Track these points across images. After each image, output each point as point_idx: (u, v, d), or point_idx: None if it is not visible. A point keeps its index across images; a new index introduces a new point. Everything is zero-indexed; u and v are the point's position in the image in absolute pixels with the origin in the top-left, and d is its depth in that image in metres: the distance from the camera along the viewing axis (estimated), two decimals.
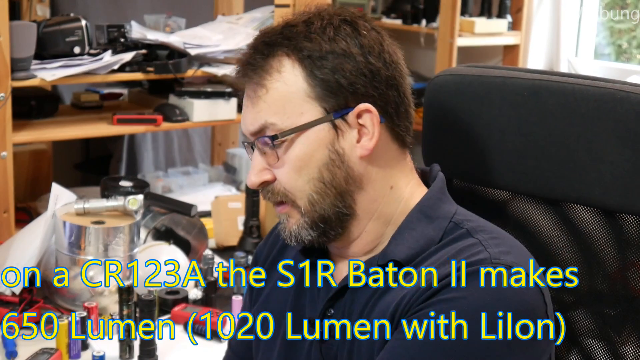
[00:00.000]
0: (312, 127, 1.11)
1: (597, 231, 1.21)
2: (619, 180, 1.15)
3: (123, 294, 1.83)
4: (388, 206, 1.16)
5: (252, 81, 1.12)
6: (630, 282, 1.20)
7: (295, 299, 1.23)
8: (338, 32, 1.12)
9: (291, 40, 1.11)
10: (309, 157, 1.11)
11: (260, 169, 1.15)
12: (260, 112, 1.11)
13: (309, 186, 1.12)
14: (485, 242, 1.09)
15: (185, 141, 3.86)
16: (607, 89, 1.17)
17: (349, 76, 1.10)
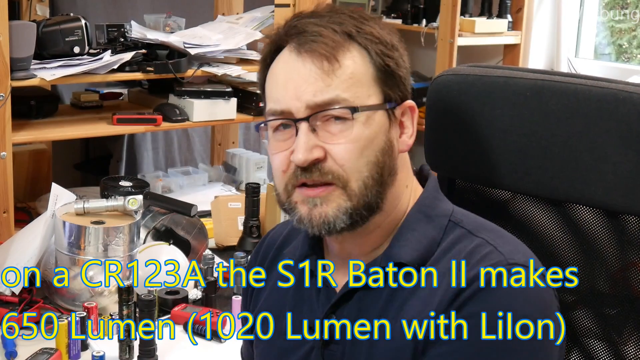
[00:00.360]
0: (378, 110, 1.10)
1: (599, 231, 1.21)
2: (621, 180, 1.15)
3: (123, 294, 1.82)
4: (402, 205, 1.15)
5: (322, 53, 1.07)
6: (631, 282, 1.20)
7: (293, 305, 1.22)
8: (386, 27, 1.14)
9: (356, 22, 1.11)
10: (372, 139, 1.09)
11: (312, 145, 1.08)
12: (331, 85, 1.07)
13: (367, 168, 1.09)
14: (492, 242, 1.09)
15: (185, 141, 3.86)
16: (609, 89, 1.17)
17: (404, 72, 1.13)
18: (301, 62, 1.09)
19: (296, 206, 1.12)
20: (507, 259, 1.06)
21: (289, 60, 1.11)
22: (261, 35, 2.75)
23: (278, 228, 1.35)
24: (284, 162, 1.11)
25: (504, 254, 1.07)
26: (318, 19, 1.12)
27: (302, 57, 1.09)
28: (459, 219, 1.14)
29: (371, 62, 1.10)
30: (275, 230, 1.35)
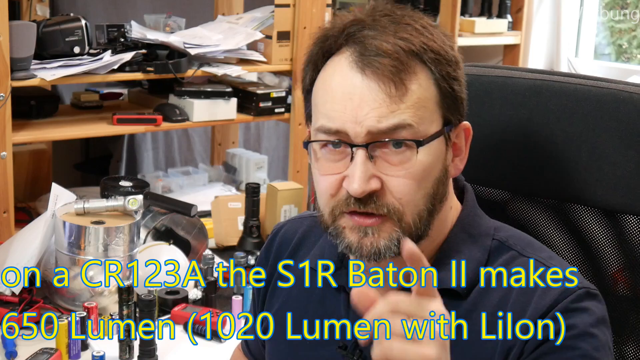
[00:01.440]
0: (438, 137, 1.03)
1: (598, 231, 1.21)
2: (621, 180, 1.15)
3: (123, 294, 1.82)
4: (446, 227, 1.10)
5: (389, 76, 0.98)
6: (631, 282, 1.20)
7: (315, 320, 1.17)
8: (447, 40, 1.04)
9: (427, 39, 1.01)
10: (430, 169, 1.02)
11: (370, 175, 1.00)
12: (396, 111, 0.99)
13: (423, 201, 1.03)
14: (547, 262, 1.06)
15: (185, 141, 3.85)
16: (609, 89, 1.17)
17: (464, 91, 1.05)
18: (364, 81, 1.00)
19: (344, 232, 1.05)
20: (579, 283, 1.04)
21: (349, 75, 1.01)
22: (261, 36, 2.75)
23: (290, 225, 1.29)
24: (334, 186, 1.03)
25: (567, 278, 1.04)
26: (381, 31, 1.01)
27: (366, 76, 0.99)
28: (504, 238, 1.10)
29: (436, 85, 1.02)
30: (286, 226, 1.29)
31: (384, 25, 1.01)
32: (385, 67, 0.98)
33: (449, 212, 1.10)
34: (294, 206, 2.50)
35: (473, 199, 1.14)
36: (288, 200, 2.50)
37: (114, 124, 2.55)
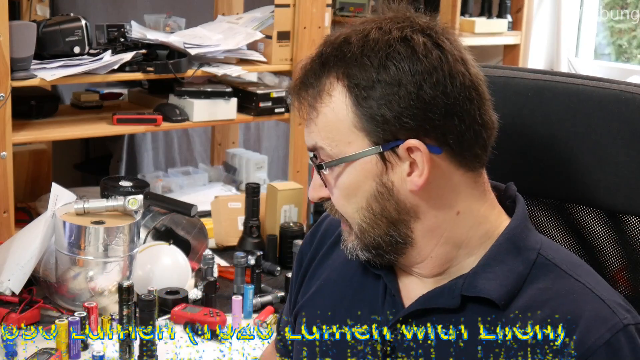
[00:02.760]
0: (359, 158, 1.06)
1: (600, 232, 1.21)
2: (623, 181, 1.15)
3: (123, 294, 1.82)
4: (456, 230, 1.09)
5: (306, 101, 1.09)
6: (632, 282, 1.20)
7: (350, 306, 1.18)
8: (391, 55, 1.03)
9: (343, 62, 1.05)
10: (355, 187, 1.08)
11: (319, 184, 1.13)
12: (312, 133, 1.09)
13: (357, 215, 1.09)
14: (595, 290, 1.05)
15: (185, 141, 3.85)
16: (611, 89, 1.17)
17: (396, 108, 1.02)
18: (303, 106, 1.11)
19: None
20: (622, 319, 1.03)
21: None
22: (261, 36, 2.75)
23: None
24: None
25: (615, 312, 1.03)
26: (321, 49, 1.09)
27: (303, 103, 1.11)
28: (550, 255, 1.09)
29: (352, 107, 1.05)
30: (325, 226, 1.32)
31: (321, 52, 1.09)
32: (302, 95, 1.09)
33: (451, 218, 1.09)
34: (294, 206, 2.50)
35: (524, 211, 1.13)
36: (288, 200, 2.50)
37: (114, 124, 2.55)
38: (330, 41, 1.09)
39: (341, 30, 1.09)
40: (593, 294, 1.05)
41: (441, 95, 1.03)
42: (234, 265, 2.17)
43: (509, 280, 1.06)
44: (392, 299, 1.14)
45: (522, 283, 1.07)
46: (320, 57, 1.08)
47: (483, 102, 1.07)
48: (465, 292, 1.08)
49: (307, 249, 1.30)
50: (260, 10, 2.89)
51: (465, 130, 1.05)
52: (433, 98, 1.02)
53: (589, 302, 1.04)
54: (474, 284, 1.07)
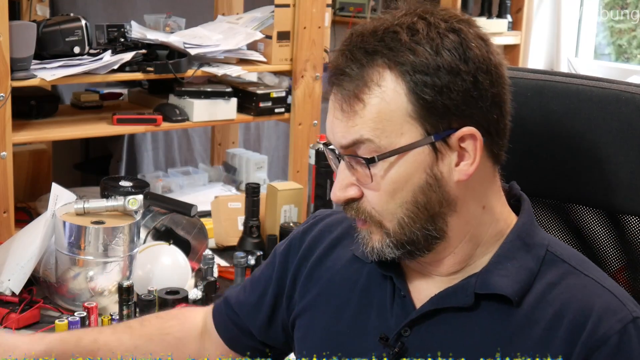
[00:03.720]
0: (412, 149, 1.03)
1: (600, 232, 1.21)
2: (623, 181, 1.15)
3: (123, 294, 1.82)
4: (480, 227, 1.10)
5: (347, 92, 1.03)
6: (632, 282, 1.20)
7: (357, 309, 1.17)
8: (445, 43, 1.02)
9: (393, 51, 1.02)
10: (405, 180, 1.04)
11: (347, 184, 1.07)
12: (356, 126, 1.03)
13: (400, 210, 1.05)
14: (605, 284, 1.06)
15: (185, 141, 3.85)
16: (611, 89, 1.17)
17: (455, 97, 1.01)
18: (334, 100, 1.06)
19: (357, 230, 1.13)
20: (631, 312, 1.03)
21: (330, 99, 1.08)
22: (261, 36, 2.75)
23: (335, 216, 1.29)
24: None
25: (625, 304, 1.04)
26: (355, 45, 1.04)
27: (335, 96, 1.06)
28: (558, 252, 1.10)
29: (406, 95, 1.02)
30: (331, 217, 1.29)
31: (360, 37, 1.05)
32: (344, 85, 1.04)
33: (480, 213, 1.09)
34: (294, 206, 2.50)
35: (530, 209, 1.14)
36: (288, 200, 2.50)
37: (114, 124, 2.55)
38: (366, 32, 1.05)
39: (366, 25, 1.07)
40: (603, 287, 1.06)
41: (490, 85, 1.04)
42: (234, 265, 2.17)
43: (521, 276, 1.07)
44: (401, 300, 1.13)
45: (534, 279, 1.07)
46: (363, 47, 1.04)
47: (509, 93, 1.09)
48: (479, 290, 1.07)
49: (297, 247, 1.27)
50: (260, 10, 2.89)
51: (501, 120, 1.07)
52: (485, 87, 1.03)
53: (600, 296, 1.04)
54: (488, 281, 1.07)
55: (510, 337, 1.05)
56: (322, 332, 1.20)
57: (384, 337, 1.12)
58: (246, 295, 1.35)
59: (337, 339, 1.18)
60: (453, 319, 1.09)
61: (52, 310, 1.96)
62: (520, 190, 1.16)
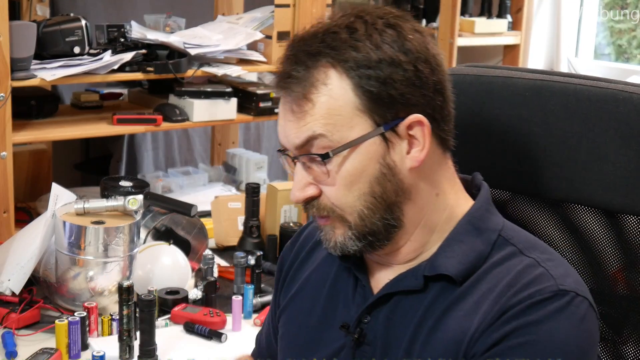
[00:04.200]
0: (364, 141, 1.07)
1: (598, 232, 1.21)
2: (620, 180, 1.15)
3: (123, 294, 1.82)
4: (434, 214, 1.13)
5: (296, 94, 1.07)
6: (630, 282, 1.20)
7: (326, 302, 1.21)
8: (384, 38, 1.06)
9: (335, 50, 1.06)
10: (360, 172, 1.08)
11: (305, 183, 1.11)
12: (307, 124, 1.07)
13: (359, 202, 1.09)
14: (543, 263, 1.08)
15: (185, 141, 3.86)
16: (609, 89, 1.17)
17: (398, 87, 1.06)
18: (284, 103, 1.10)
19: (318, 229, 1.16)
20: (558, 284, 1.05)
21: (280, 103, 1.12)
22: (261, 36, 2.75)
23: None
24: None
25: (554, 277, 1.06)
26: (298, 49, 1.08)
27: (284, 99, 1.10)
28: (510, 235, 1.12)
29: (353, 90, 1.06)
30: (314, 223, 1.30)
31: (302, 41, 1.09)
32: (291, 88, 1.07)
33: (433, 200, 1.12)
34: (294, 206, 2.51)
35: (487, 197, 1.16)
36: (288, 200, 2.50)
37: (114, 124, 2.55)
38: (308, 36, 1.09)
39: (306, 30, 1.11)
40: (539, 266, 1.08)
41: (430, 73, 1.08)
42: (234, 265, 2.17)
43: (468, 258, 1.10)
44: (362, 290, 1.18)
45: (483, 262, 1.10)
46: (305, 50, 1.07)
47: (449, 81, 1.13)
48: (427, 273, 1.11)
49: (288, 256, 1.32)
50: (260, 10, 2.89)
51: (445, 106, 1.11)
52: (426, 75, 1.07)
53: (532, 273, 1.07)
54: (435, 263, 1.11)
55: (445, 311, 1.09)
56: (297, 329, 1.25)
57: (345, 325, 1.16)
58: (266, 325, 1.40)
59: (309, 334, 1.22)
60: (404, 301, 1.13)
61: (52, 310, 1.97)
62: (483, 180, 1.19)
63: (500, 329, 1.04)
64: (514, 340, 1.03)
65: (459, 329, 1.07)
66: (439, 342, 1.08)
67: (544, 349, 1.02)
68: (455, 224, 1.13)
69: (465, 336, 1.06)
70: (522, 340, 1.03)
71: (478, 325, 1.05)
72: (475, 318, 1.06)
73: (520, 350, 1.03)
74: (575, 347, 1.04)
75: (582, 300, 1.06)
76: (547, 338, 1.03)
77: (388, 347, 1.13)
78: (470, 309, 1.07)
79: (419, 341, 1.10)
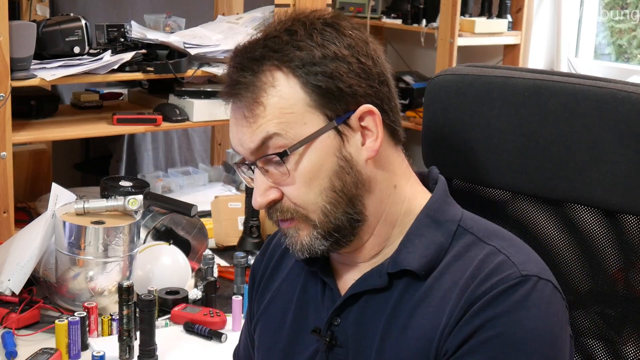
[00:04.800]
0: (318, 136, 1.08)
1: (598, 231, 1.21)
2: (620, 180, 1.15)
3: (123, 294, 1.82)
4: (393, 206, 1.14)
5: (246, 99, 1.09)
6: (630, 282, 1.20)
7: (297, 309, 1.22)
8: (324, 36, 1.09)
9: (279, 52, 1.08)
10: (318, 168, 1.09)
11: (265, 188, 1.11)
12: (260, 126, 1.08)
13: (321, 198, 1.09)
14: (504, 250, 1.09)
15: (185, 141, 3.86)
16: (608, 89, 1.17)
17: (346, 79, 1.08)
18: (235, 110, 1.12)
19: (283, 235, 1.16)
20: (520, 270, 1.06)
21: (229, 113, 1.14)
22: None
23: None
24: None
25: (516, 264, 1.06)
26: (242, 56, 1.10)
27: (234, 105, 1.12)
28: (469, 225, 1.13)
29: (302, 88, 1.07)
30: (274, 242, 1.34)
31: (245, 49, 1.11)
32: (241, 94, 1.09)
33: (391, 192, 1.14)
34: None
35: (444, 188, 1.18)
36: None
37: (114, 124, 2.55)
38: (249, 44, 1.11)
39: (247, 40, 1.13)
40: (500, 253, 1.09)
41: (373, 65, 1.11)
42: (234, 265, 2.17)
43: (429, 251, 1.11)
44: (330, 293, 1.18)
45: (444, 254, 1.11)
46: (249, 57, 1.09)
47: (390, 73, 1.15)
48: (390, 270, 1.12)
49: (259, 267, 1.33)
50: (260, 10, 2.89)
51: (391, 97, 1.14)
52: (369, 67, 1.10)
53: (493, 261, 1.08)
54: (397, 260, 1.12)
55: (414, 308, 1.10)
56: (271, 337, 1.25)
57: (317, 329, 1.17)
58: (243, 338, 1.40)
59: (283, 341, 1.22)
60: (372, 300, 1.13)
61: (52, 310, 1.97)
62: (439, 174, 1.20)
63: (469, 324, 1.04)
64: (485, 334, 1.03)
65: (429, 326, 1.07)
66: (410, 340, 1.09)
67: (515, 338, 1.03)
68: (414, 218, 1.14)
69: (436, 333, 1.07)
70: (492, 334, 1.03)
71: (447, 321, 1.06)
72: (444, 314, 1.07)
73: (492, 343, 1.03)
74: (545, 332, 1.04)
75: (546, 284, 1.06)
76: (517, 327, 1.03)
77: (360, 348, 1.13)
78: (438, 305, 1.08)
79: (391, 339, 1.10)
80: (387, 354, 1.10)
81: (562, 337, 1.07)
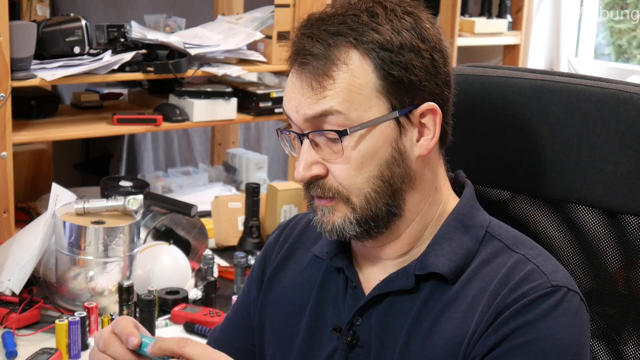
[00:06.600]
0: (380, 123, 1.07)
1: (599, 232, 1.21)
2: (621, 180, 1.15)
3: (123, 294, 1.82)
4: (430, 207, 1.14)
5: (316, 70, 1.06)
6: (631, 282, 1.20)
7: (315, 304, 1.20)
8: (403, 24, 1.07)
9: (357, 31, 1.06)
10: (372, 154, 1.07)
11: (312, 162, 1.09)
12: (325, 98, 1.06)
13: (368, 184, 1.08)
14: (533, 259, 1.09)
15: (185, 141, 3.86)
16: (609, 89, 1.17)
17: (417, 73, 1.07)
18: (301, 79, 1.08)
19: (314, 212, 1.14)
20: (550, 280, 1.06)
21: (292, 76, 1.10)
22: (261, 36, 2.75)
23: (297, 218, 1.33)
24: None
25: (546, 273, 1.07)
26: (317, 28, 1.08)
27: (301, 74, 1.08)
28: (496, 232, 1.13)
29: (374, 72, 1.06)
30: (294, 220, 1.33)
31: (324, 19, 1.09)
32: (312, 65, 1.06)
33: (432, 193, 1.13)
34: (294, 206, 2.51)
35: (472, 193, 1.17)
36: (288, 200, 2.50)
37: (114, 124, 2.55)
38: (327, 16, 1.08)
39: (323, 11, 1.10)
40: (530, 262, 1.09)
41: (442, 63, 1.10)
42: (234, 265, 2.17)
43: (458, 255, 1.11)
44: (353, 291, 1.17)
45: (472, 259, 1.11)
46: (326, 29, 1.07)
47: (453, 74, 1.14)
48: (418, 272, 1.11)
49: (272, 249, 1.31)
50: (260, 10, 2.89)
51: (450, 99, 1.13)
52: (439, 65, 1.09)
53: (523, 269, 1.08)
54: (425, 262, 1.11)
55: (440, 312, 1.09)
56: (287, 331, 1.23)
57: (337, 328, 1.16)
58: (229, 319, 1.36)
59: (299, 337, 1.21)
60: (397, 301, 1.13)
61: (52, 310, 1.97)
62: (466, 178, 1.19)
63: (499, 330, 1.04)
64: (514, 341, 1.03)
65: (456, 331, 1.07)
66: (435, 344, 1.08)
67: (543, 346, 1.03)
68: (443, 220, 1.14)
69: (464, 338, 1.06)
70: (522, 340, 1.03)
71: (476, 326, 1.06)
72: (472, 319, 1.06)
73: (520, 350, 1.03)
74: (573, 342, 1.04)
75: (574, 295, 1.07)
76: (546, 336, 1.03)
77: (382, 349, 1.12)
78: (466, 310, 1.07)
79: (415, 343, 1.09)
80: (411, 356, 1.09)
81: (586, 349, 1.08)
